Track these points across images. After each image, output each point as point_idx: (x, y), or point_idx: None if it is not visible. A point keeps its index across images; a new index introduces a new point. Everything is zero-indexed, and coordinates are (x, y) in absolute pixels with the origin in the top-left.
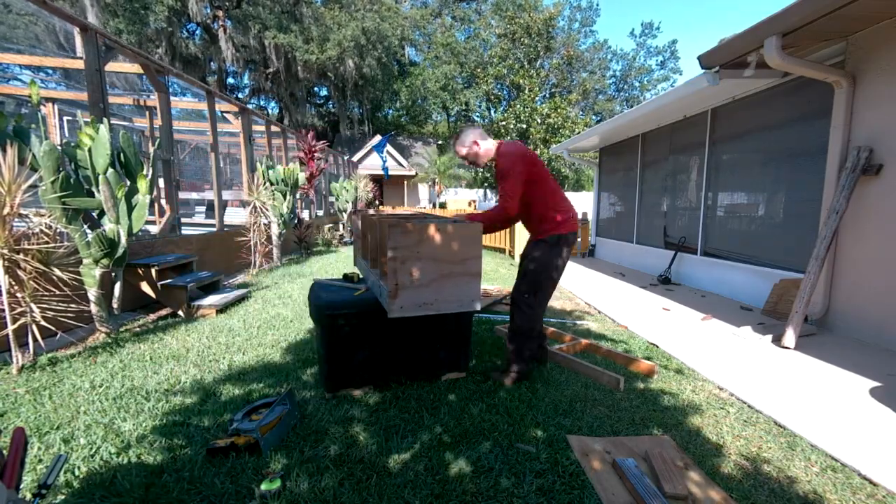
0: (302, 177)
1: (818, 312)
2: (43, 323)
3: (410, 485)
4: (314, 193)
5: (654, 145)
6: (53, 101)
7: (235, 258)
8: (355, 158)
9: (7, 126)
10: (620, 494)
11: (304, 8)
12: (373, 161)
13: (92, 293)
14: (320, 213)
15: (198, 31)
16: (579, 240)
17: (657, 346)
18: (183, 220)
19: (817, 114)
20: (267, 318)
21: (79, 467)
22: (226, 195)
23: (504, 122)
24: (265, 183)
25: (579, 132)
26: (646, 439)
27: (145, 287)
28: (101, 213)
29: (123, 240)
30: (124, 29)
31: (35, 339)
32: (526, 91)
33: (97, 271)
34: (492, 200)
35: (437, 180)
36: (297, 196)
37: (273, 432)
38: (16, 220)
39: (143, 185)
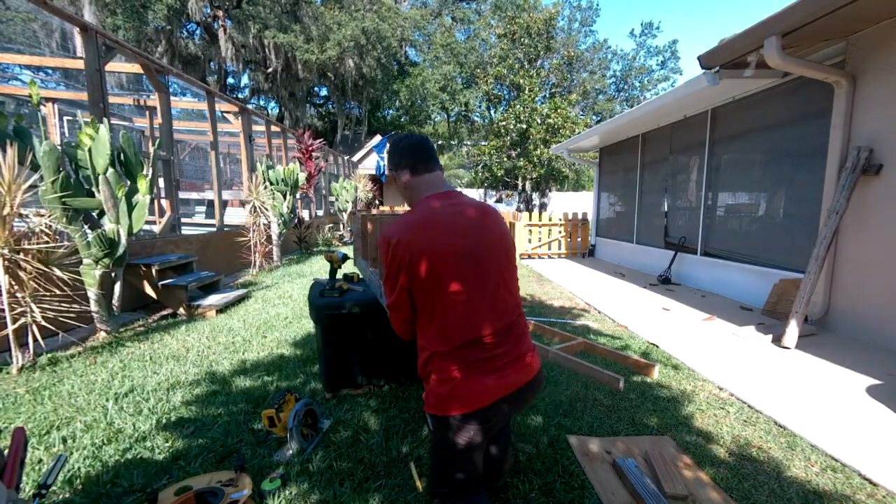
0: (302, 177)
1: (818, 312)
2: (43, 323)
3: (411, 485)
4: (314, 193)
5: (654, 145)
6: (53, 101)
7: (235, 258)
8: (355, 158)
9: (7, 126)
10: (620, 494)
11: (304, 7)
12: (373, 161)
13: (92, 293)
14: (320, 213)
15: (198, 31)
16: (580, 240)
17: (657, 346)
18: (183, 220)
19: (817, 114)
20: (267, 318)
21: (79, 467)
22: (226, 195)
23: (504, 123)
24: (265, 183)
25: (579, 132)
26: (646, 439)
27: (145, 287)
28: (101, 213)
29: (123, 240)
30: (122, 26)
31: (35, 339)
32: (526, 91)
33: (97, 271)
34: (491, 200)
35: None
36: (298, 196)
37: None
38: (16, 220)
39: (143, 184)
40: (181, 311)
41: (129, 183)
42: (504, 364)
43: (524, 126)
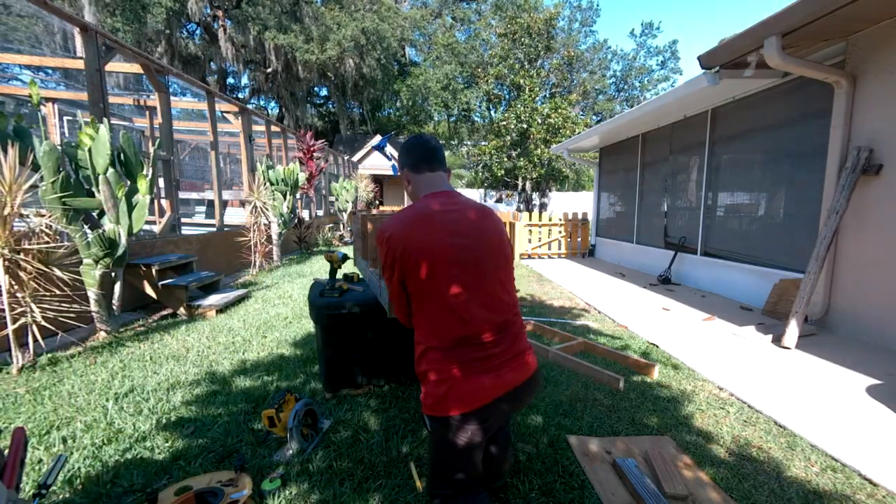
0: (302, 177)
1: (818, 312)
2: (43, 323)
3: (411, 485)
4: (314, 193)
5: (654, 145)
6: (53, 101)
7: (235, 258)
8: (355, 158)
9: (7, 126)
10: (620, 494)
11: (303, 8)
12: (373, 161)
13: (92, 293)
14: (320, 213)
15: (197, 31)
16: (580, 240)
17: (657, 346)
18: (183, 220)
19: (817, 114)
20: (267, 318)
21: (79, 467)
22: (226, 195)
23: (504, 122)
24: (265, 183)
25: (579, 132)
26: (646, 439)
27: (145, 287)
28: (101, 213)
29: (123, 240)
30: (122, 28)
31: (35, 339)
32: (526, 91)
33: (97, 271)
34: (491, 200)
35: None
36: (298, 196)
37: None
38: (16, 220)
39: (143, 184)
40: (181, 311)
41: (129, 183)
42: (501, 363)
43: (524, 126)
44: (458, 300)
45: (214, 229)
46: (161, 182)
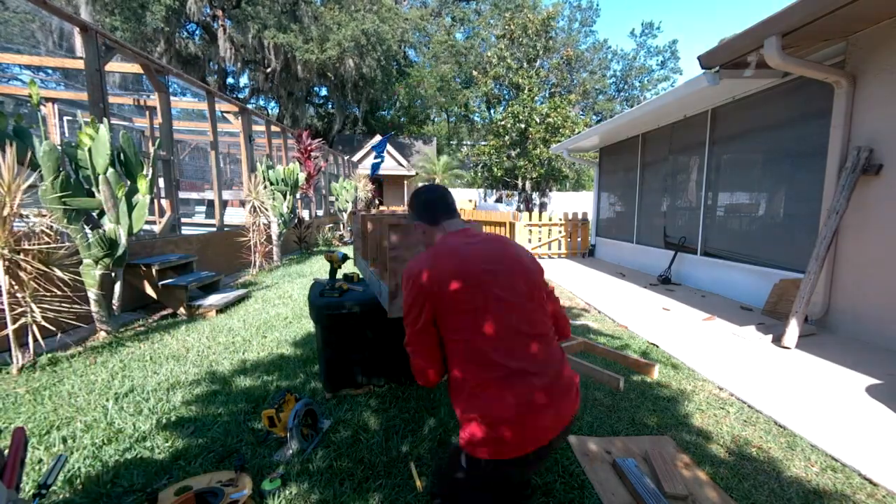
0: (301, 177)
1: (818, 312)
2: (43, 323)
3: (411, 484)
4: (314, 193)
5: (654, 145)
6: (53, 101)
7: (235, 258)
8: (355, 158)
9: (7, 126)
10: (620, 494)
11: (303, 7)
12: (373, 161)
13: (92, 293)
14: (320, 213)
15: (197, 31)
16: (580, 240)
17: (657, 346)
18: (183, 220)
19: (817, 114)
20: (267, 318)
21: (79, 467)
22: (226, 195)
23: (503, 122)
24: (265, 183)
25: (579, 132)
26: (646, 439)
27: (146, 287)
28: (101, 213)
29: (123, 240)
30: (120, 27)
31: (35, 339)
32: (525, 91)
33: (97, 271)
34: (491, 199)
35: (437, 180)
36: (297, 196)
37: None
38: (16, 220)
39: (143, 184)
40: (181, 311)
41: (129, 183)
42: (550, 401)
43: (523, 126)
44: (497, 328)
45: (214, 229)
46: (161, 182)
